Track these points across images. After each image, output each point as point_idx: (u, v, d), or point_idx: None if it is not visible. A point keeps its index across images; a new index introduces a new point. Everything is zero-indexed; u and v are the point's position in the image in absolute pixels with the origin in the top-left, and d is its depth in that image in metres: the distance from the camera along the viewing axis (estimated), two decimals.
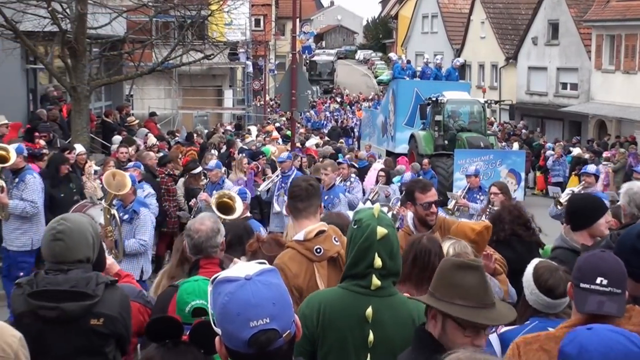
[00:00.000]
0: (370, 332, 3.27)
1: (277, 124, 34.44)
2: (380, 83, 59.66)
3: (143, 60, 17.55)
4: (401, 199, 8.96)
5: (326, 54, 73.56)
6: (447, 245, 4.43)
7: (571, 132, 34.33)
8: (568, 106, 34.33)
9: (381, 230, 3.28)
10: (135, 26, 17.83)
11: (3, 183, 8.68)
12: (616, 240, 3.96)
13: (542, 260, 4.24)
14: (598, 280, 3.05)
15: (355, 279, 3.34)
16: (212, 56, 17.60)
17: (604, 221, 5.06)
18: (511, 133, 31.39)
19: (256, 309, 2.04)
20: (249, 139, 21.08)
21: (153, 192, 9.85)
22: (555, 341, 3.19)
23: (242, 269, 2.12)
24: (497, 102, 29.46)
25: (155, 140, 16.42)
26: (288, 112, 23.63)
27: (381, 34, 79.65)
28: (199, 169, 11.92)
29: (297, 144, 21.65)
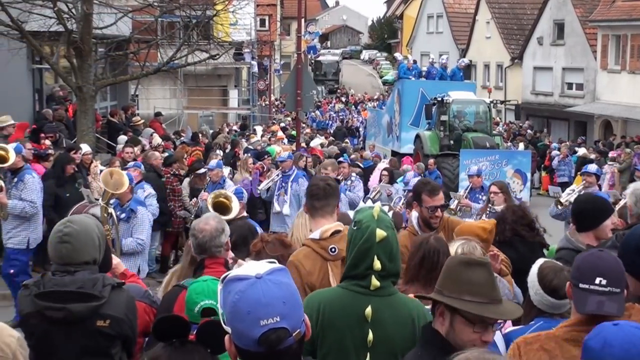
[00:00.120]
0: (369, 332, 3.27)
1: (282, 124, 34.46)
2: (385, 83, 59.53)
3: (148, 60, 17.54)
4: (408, 199, 8.96)
5: (331, 54, 73.63)
6: (456, 245, 4.41)
7: (577, 132, 34.25)
8: (574, 106, 34.26)
9: (380, 232, 3.28)
10: (140, 26, 17.82)
11: (2, 183, 8.68)
12: (621, 240, 3.96)
13: (547, 260, 4.23)
14: (597, 280, 3.05)
15: (355, 280, 3.35)
16: (218, 56, 17.59)
17: (610, 223, 5.07)
18: (517, 133, 31.32)
19: (266, 308, 2.04)
20: (254, 139, 21.10)
21: (154, 193, 9.85)
22: (555, 341, 3.19)
23: (253, 268, 2.12)
24: (503, 102, 29.41)
25: (160, 140, 16.44)
26: (293, 112, 23.65)
27: (386, 34, 79.53)
28: (204, 169, 11.94)
29: (302, 144, 21.63)
